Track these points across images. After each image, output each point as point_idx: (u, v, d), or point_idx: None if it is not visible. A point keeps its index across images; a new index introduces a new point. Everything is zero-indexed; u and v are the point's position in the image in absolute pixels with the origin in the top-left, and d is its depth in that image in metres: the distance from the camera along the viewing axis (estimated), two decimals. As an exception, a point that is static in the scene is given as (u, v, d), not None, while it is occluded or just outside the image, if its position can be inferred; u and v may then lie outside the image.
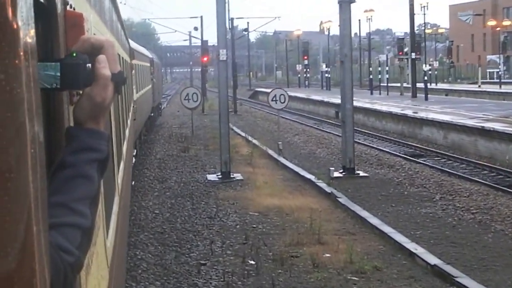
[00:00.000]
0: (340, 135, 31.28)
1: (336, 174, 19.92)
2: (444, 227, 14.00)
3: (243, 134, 32.16)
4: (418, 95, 41.97)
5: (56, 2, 2.04)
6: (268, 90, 69.93)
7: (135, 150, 19.15)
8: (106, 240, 3.54)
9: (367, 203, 16.40)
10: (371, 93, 50.23)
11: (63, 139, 1.83)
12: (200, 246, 12.54)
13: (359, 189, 18.09)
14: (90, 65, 1.78)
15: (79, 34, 2.08)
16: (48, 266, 1.14)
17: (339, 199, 16.15)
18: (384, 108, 35.00)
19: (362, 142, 28.52)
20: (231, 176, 19.48)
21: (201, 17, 51.20)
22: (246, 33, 51.33)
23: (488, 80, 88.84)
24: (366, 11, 58.24)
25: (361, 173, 19.95)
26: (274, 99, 31.36)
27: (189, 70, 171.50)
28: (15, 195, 0.97)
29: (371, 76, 54.25)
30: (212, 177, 19.73)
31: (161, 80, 56.94)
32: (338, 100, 45.18)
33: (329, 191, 16.99)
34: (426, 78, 43.52)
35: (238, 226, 14.09)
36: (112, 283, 3.66)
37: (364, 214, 14.59)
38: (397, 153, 24.85)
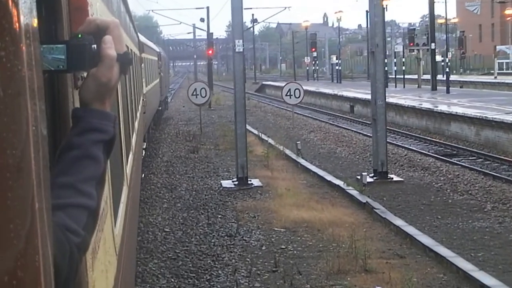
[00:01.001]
0: (360, 131, 29.35)
1: (367, 178, 17.79)
2: (509, 246, 11.81)
3: (255, 131, 29.93)
4: (438, 87, 39.87)
5: None
6: (276, 84, 67.98)
7: (145, 143, 18.87)
8: (114, 227, 3.53)
9: (408, 214, 14.24)
10: (386, 86, 47.93)
11: (69, 122, 1.85)
12: (221, 276, 10.36)
13: (395, 197, 15.91)
14: (95, 46, 1.76)
15: (83, 17, 2.05)
16: (51, 243, 1.10)
17: (377, 211, 13.97)
18: (405, 102, 32.73)
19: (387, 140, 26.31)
20: (249, 182, 17.29)
21: (207, 7, 48.92)
22: (255, 24, 48.94)
23: (500, 71, 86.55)
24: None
25: (395, 178, 17.76)
26: (288, 93, 29.30)
27: (191, 63, 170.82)
28: (17, 171, 0.95)
29: (386, 68, 51.80)
30: (227, 183, 17.54)
31: (167, 74, 56.73)
32: (351, 94, 43.20)
33: (364, 201, 14.80)
34: (448, 69, 41.13)
35: (264, 247, 11.91)
36: (120, 270, 3.66)
37: (411, 230, 12.40)
38: (428, 152, 22.60)
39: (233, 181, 17.55)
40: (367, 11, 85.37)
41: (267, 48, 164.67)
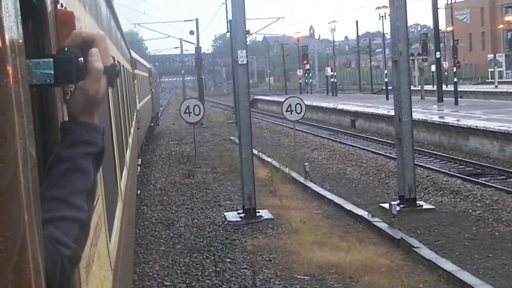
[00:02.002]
0: (367, 148, 27.04)
1: (383, 205, 15.57)
2: None
3: (254, 151, 27.65)
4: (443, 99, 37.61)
5: (45, 0, 2.06)
6: (269, 98, 65.70)
7: (139, 160, 18.68)
8: (109, 242, 3.51)
9: (452, 253, 11.97)
10: (387, 98, 45.70)
11: (58, 136, 1.88)
12: None
13: (430, 230, 13.64)
14: (82, 59, 1.78)
15: (70, 31, 1.96)
16: (43, 256, 1.12)
17: (416, 249, 11.69)
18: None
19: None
20: (257, 214, 14.98)
21: (197, 19, 46.66)
22: (248, 35, 46.86)
23: (493, 80, 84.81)
24: (378, 8, 53.64)
25: (424, 205, 15.49)
26: (289, 109, 27.03)
27: (177, 79, 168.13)
28: (6, 185, 0.95)
29: (386, 80, 49.61)
30: (232, 216, 15.21)
31: (158, 90, 56.26)
32: (351, 107, 40.93)
33: (397, 237, 12.52)
34: (455, 79, 38.96)
35: (289, 305, 9.61)
36: (116, 285, 3.61)
37: (467, 277, 10.11)
38: (451, 172, 20.35)
39: (238, 213, 15.23)
40: (357, 21, 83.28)
41: (255, 61, 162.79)
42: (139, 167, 17.82)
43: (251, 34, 46.33)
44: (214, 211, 16.01)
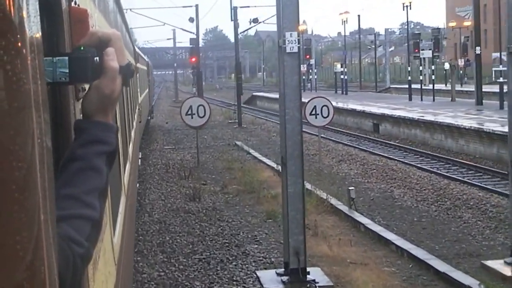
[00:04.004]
0: (413, 163, 21.95)
1: (489, 263, 10.77)
2: None
3: (268, 161, 22.70)
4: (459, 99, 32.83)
5: None
6: (270, 95, 60.47)
7: (140, 153, 18.53)
8: (113, 238, 3.53)
9: None
10: (410, 99, 40.77)
11: (70, 134, 1.98)
12: None
13: None
14: (97, 58, 1.78)
15: (84, 29, 1.98)
16: (56, 254, 1.12)
17: None
18: (455, 121, 25.59)
19: (464, 179, 19.14)
20: (308, 277, 10.04)
21: (197, 5, 41.35)
22: (255, 24, 41.73)
23: (498, 81, 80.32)
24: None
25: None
26: (313, 112, 22.10)
27: (166, 72, 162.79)
28: (23, 184, 0.96)
29: (409, 78, 44.49)
30: (270, 279, 10.25)
31: (153, 83, 55.21)
32: (372, 109, 35.90)
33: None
34: (501, 78, 34.10)
35: None
36: (119, 281, 3.63)
37: None
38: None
39: (279, 274, 10.28)
40: (359, 15, 78.50)
41: (248, 56, 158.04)
42: (139, 160, 17.41)
43: (259, 22, 41.40)
44: (239, 266, 11.05)
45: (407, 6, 47.38)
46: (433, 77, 45.97)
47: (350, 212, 14.74)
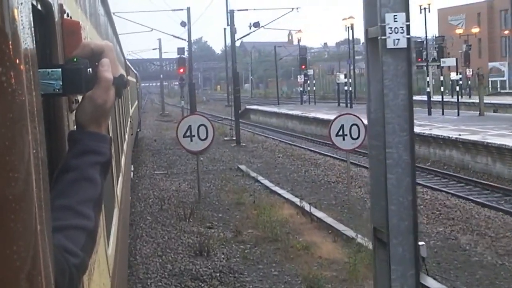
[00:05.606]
0: (461, 195, 17.80)
1: None
2: None
3: (288, 195, 18.39)
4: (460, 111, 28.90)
5: (53, 11, 2.07)
6: (265, 108, 56.23)
7: (132, 165, 18.15)
8: (107, 249, 3.51)
9: None
10: (429, 113, 36.72)
11: (64, 145, 1.93)
12: None
13: None
14: (90, 69, 1.78)
15: (77, 41, 2.01)
16: (53, 265, 1.12)
17: None
18: (501, 141, 21.51)
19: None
20: None
21: (188, 8, 37.12)
22: (256, 28, 37.71)
23: (495, 92, 77.28)
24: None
25: None
26: (340, 133, 17.99)
27: (150, 84, 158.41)
28: (19, 194, 0.96)
29: (428, 89, 40.45)
30: None
31: (141, 95, 54.29)
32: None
33: None
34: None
35: None
36: None
37: None
38: None
39: None
40: (352, 24, 75.10)
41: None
42: (132, 173, 17.17)
43: (260, 27, 37.32)
44: None
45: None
46: (441, 88, 42.15)
47: (421, 279, 10.60)
